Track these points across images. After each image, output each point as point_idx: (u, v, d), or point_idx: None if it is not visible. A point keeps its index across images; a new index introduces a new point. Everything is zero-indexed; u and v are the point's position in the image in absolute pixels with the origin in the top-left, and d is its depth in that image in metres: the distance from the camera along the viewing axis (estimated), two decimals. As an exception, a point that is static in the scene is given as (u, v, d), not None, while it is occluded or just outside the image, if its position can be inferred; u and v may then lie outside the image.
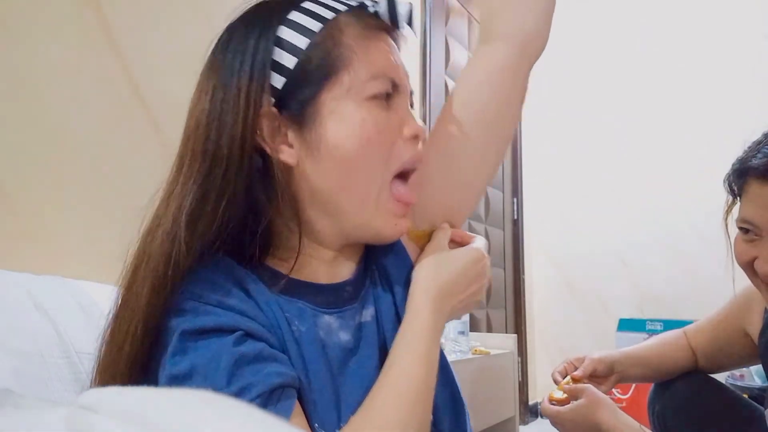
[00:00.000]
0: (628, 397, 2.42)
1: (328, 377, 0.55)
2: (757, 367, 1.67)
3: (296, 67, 0.55)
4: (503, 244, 3.09)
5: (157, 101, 1.17)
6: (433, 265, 0.62)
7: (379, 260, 0.65)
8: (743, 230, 0.92)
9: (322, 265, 0.62)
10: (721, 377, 1.22)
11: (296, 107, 0.56)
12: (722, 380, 1.19)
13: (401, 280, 0.64)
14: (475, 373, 1.80)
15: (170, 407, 0.26)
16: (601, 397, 0.98)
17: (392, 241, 0.63)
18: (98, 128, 1.07)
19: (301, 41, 0.56)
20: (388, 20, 0.60)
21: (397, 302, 0.63)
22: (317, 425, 0.52)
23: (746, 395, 1.36)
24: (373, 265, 0.66)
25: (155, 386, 0.50)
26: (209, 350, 0.49)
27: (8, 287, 0.78)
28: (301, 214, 0.58)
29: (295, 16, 0.57)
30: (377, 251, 0.66)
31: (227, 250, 0.56)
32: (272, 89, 0.55)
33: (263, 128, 0.55)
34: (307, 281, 0.60)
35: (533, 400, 3.02)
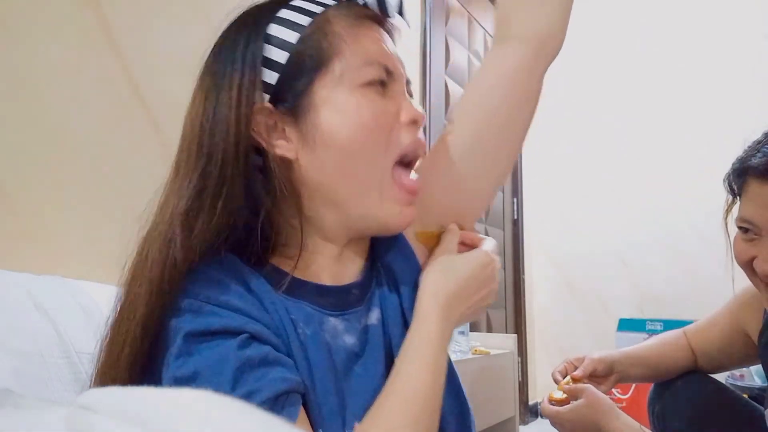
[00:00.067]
0: (628, 397, 2.42)
1: (333, 382, 0.54)
2: (757, 367, 1.66)
3: (288, 61, 0.56)
4: (503, 244, 3.09)
5: (157, 101, 1.17)
6: (441, 270, 0.61)
7: (384, 259, 0.65)
8: (743, 229, 0.92)
9: (327, 262, 0.61)
10: (721, 377, 1.22)
11: (291, 101, 0.56)
12: (722, 380, 1.19)
13: (408, 281, 0.63)
14: (475, 373, 1.79)
15: (170, 407, 0.26)
16: (600, 397, 0.98)
17: (398, 231, 0.62)
18: (98, 128, 1.07)
19: (290, 36, 0.56)
20: (377, 9, 0.60)
21: (403, 304, 0.62)
22: (321, 431, 0.52)
23: (746, 395, 1.36)
24: (378, 264, 0.65)
25: (155, 386, 0.49)
26: (214, 353, 0.48)
27: (8, 287, 0.78)
28: (304, 209, 0.58)
29: (284, 13, 0.57)
30: (382, 250, 0.65)
31: (233, 248, 0.56)
32: (266, 86, 0.56)
33: (259, 125, 0.56)
34: (312, 282, 0.59)
35: (533, 400, 3.02)
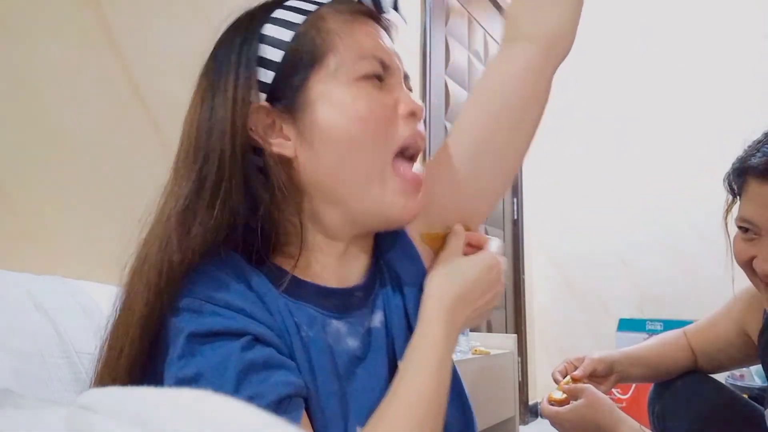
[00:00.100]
0: (628, 397, 2.42)
1: (336, 385, 0.54)
2: (757, 367, 1.66)
3: (283, 59, 0.56)
4: (503, 244, 3.09)
5: (157, 101, 1.17)
6: (446, 273, 0.60)
7: (388, 260, 0.64)
8: (742, 229, 0.92)
9: (331, 261, 0.61)
10: (721, 377, 1.22)
11: (287, 99, 0.56)
12: (722, 380, 1.19)
13: (412, 282, 0.62)
14: (475, 373, 1.79)
15: (170, 407, 0.26)
16: (600, 397, 0.98)
17: (404, 224, 0.61)
18: (98, 128, 1.07)
19: (285, 34, 0.56)
20: (371, 5, 0.60)
21: (407, 306, 0.62)
22: None
23: (746, 395, 1.36)
24: (382, 262, 0.65)
25: (156, 386, 0.49)
26: (217, 355, 0.48)
27: (8, 287, 0.78)
28: (305, 207, 0.58)
29: (278, 13, 0.58)
30: (386, 250, 0.65)
31: (233, 248, 0.56)
32: (263, 85, 0.56)
33: (256, 124, 0.56)
34: (314, 282, 0.59)
35: (533, 400, 3.02)
